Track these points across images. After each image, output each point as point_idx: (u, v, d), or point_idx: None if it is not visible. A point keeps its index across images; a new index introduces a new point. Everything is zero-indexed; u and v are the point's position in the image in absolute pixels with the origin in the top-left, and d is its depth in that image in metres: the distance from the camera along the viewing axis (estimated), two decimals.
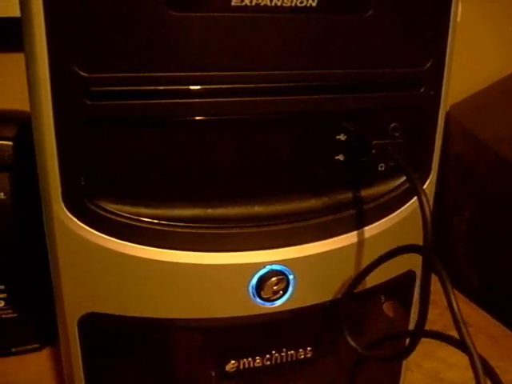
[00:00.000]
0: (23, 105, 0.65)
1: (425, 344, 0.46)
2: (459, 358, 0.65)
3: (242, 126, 0.34)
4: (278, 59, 0.33)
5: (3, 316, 0.58)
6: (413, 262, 0.41)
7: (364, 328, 0.41)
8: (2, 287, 0.57)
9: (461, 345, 0.30)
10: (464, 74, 0.82)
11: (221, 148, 0.34)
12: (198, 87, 0.32)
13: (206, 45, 0.31)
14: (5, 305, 0.58)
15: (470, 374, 0.60)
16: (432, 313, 0.64)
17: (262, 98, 0.33)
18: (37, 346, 0.61)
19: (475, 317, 0.72)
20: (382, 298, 0.42)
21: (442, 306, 0.30)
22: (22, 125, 0.59)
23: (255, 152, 0.35)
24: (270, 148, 0.35)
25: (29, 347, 0.61)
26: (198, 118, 0.33)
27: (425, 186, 0.39)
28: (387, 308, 0.43)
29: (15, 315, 0.59)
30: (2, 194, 0.56)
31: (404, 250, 0.34)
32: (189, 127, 0.33)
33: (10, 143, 0.55)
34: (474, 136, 0.74)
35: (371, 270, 0.35)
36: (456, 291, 0.73)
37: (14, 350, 0.60)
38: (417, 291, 0.42)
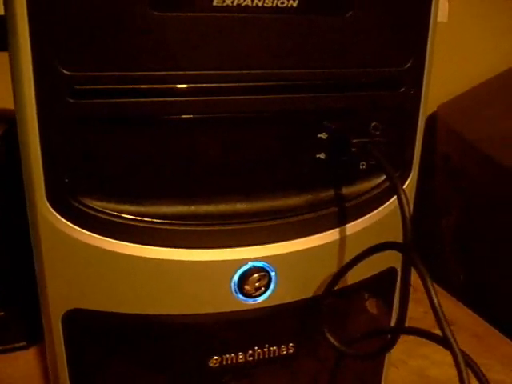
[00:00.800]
0: (10, 103, 0.66)
1: (409, 341, 0.46)
2: (444, 356, 0.65)
3: (226, 125, 0.34)
4: (261, 58, 0.33)
5: None
6: (394, 259, 0.41)
7: (346, 325, 0.42)
8: None
9: (443, 341, 0.30)
10: (453, 74, 0.83)
11: (205, 146, 0.34)
12: (183, 86, 0.32)
13: (188, 44, 0.31)
14: None
15: (454, 371, 0.61)
16: (416, 311, 0.65)
17: (246, 97, 0.34)
18: (24, 344, 0.62)
19: (460, 315, 0.73)
20: (366, 295, 0.42)
21: (426, 305, 0.31)
22: (9, 123, 0.59)
23: (239, 150, 0.35)
24: (254, 146, 0.35)
25: (16, 345, 0.61)
26: (179, 116, 0.33)
27: (405, 186, 0.40)
28: (370, 305, 0.43)
29: (2, 313, 0.59)
30: None
31: (383, 248, 0.34)
32: (172, 125, 0.33)
33: None
34: (461, 136, 0.74)
35: (351, 267, 0.35)
36: (441, 289, 0.74)
37: (0, 348, 0.60)
38: (398, 288, 0.42)
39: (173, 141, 0.34)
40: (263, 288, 0.36)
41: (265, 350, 0.39)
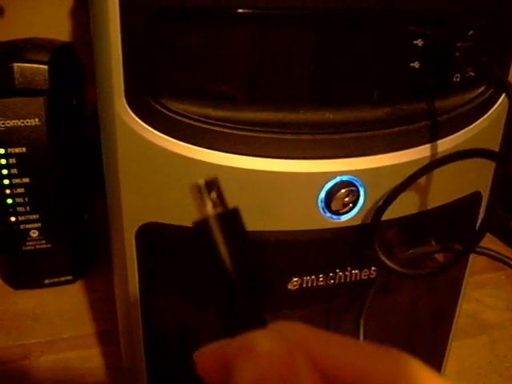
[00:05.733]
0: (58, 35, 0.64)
1: None
2: (496, 300, 0.64)
3: (318, 28, 0.32)
4: None
5: (37, 247, 0.57)
6: (480, 183, 0.39)
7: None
8: (36, 216, 0.56)
9: None
10: None
11: (295, 51, 0.32)
12: None
13: None
14: (38, 235, 0.56)
15: (507, 315, 0.59)
16: None
17: None
18: (70, 278, 0.60)
19: None
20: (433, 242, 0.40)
21: None
22: (56, 51, 0.57)
23: (329, 56, 0.32)
24: (345, 53, 0.33)
25: (62, 279, 0.60)
26: (267, 10, 0.30)
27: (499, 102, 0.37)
28: (439, 256, 0.41)
29: (49, 246, 0.57)
30: (37, 119, 0.54)
31: (476, 154, 0.32)
32: (262, 23, 0.30)
33: (46, 67, 0.53)
34: None
35: (435, 167, 0.33)
36: None
37: (47, 281, 0.59)
38: (482, 214, 0.40)
39: (261, 42, 0.31)
40: (351, 205, 0.34)
41: (347, 273, 0.36)
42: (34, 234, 0.57)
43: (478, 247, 0.35)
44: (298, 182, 0.33)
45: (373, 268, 0.37)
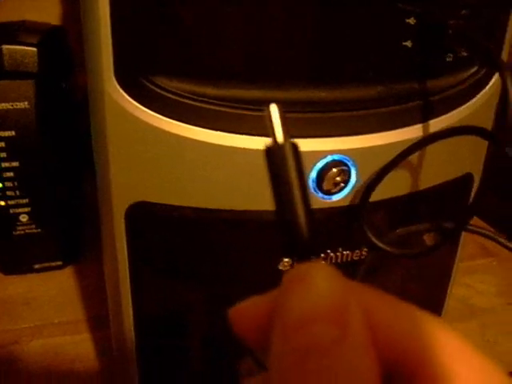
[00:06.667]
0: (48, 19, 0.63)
1: None
2: (488, 286, 0.64)
3: (310, 6, 0.31)
4: None
5: (26, 231, 0.56)
6: (472, 165, 0.39)
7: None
8: (26, 201, 0.55)
9: None
10: None
11: (286, 29, 0.31)
12: None
13: None
14: (28, 219, 0.56)
15: (498, 300, 0.59)
16: None
17: None
18: (60, 263, 0.60)
19: None
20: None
21: None
22: (46, 34, 0.56)
23: (322, 35, 0.32)
24: (337, 30, 0.32)
25: (52, 264, 0.59)
26: None
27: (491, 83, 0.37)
28: (428, 238, 0.41)
29: (39, 231, 0.57)
30: (26, 102, 0.53)
31: (468, 131, 0.31)
32: None
33: (35, 49, 0.52)
34: None
35: (428, 143, 0.33)
36: None
37: (36, 266, 0.59)
38: (473, 196, 0.40)
39: (251, 19, 0.31)
40: (342, 184, 0.34)
41: (338, 254, 0.36)
42: (24, 218, 0.56)
43: (469, 225, 0.35)
44: None
45: (364, 249, 0.37)
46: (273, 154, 0.19)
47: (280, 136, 0.20)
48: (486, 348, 0.55)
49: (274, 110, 0.20)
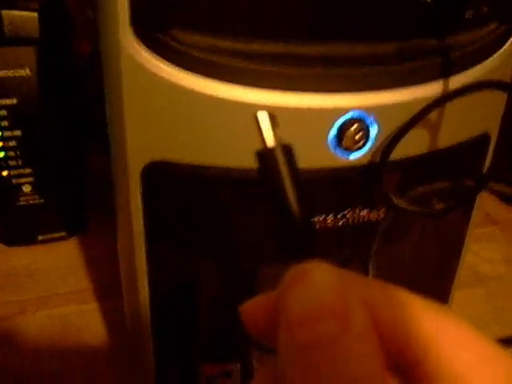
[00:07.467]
0: None
1: None
2: (494, 253, 0.64)
3: None
4: None
5: (30, 202, 0.56)
6: (489, 124, 0.38)
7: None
8: (29, 170, 0.54)
9: None
10: None
11: None
12: None
13: None
14: (31, 190, 0.55)
15: (505, 268, 0.59)
16: None
17: None
18: (63, 234, 0.59)
19: None
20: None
21: None
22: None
23: None
24: None
25: (56, 235, 0.58)
26: None
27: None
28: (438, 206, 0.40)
29: (42, 201, 0.56)
30: (28, 69, 0.52)
31: (490, 85, 0.31)
32: None
33: (35, 14, 0.51)
34: None
35: (454, 97, 0.32)
36: None
37: (40, 237, 0.58)
38: (490, 156, 0.39)
39: None
40: (361, 142, 0.33)
41: (355, 214, 0.36)
42: (27, 188, 0.55)
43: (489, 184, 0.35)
44: (307, 117, 0.32)
45: (382, 209, 0.36)
46: (264, 159, 0.20)
47: (270, 140, 0.20)
48: (493, 314, 0.55)
49: (262, 117, 0.20)
